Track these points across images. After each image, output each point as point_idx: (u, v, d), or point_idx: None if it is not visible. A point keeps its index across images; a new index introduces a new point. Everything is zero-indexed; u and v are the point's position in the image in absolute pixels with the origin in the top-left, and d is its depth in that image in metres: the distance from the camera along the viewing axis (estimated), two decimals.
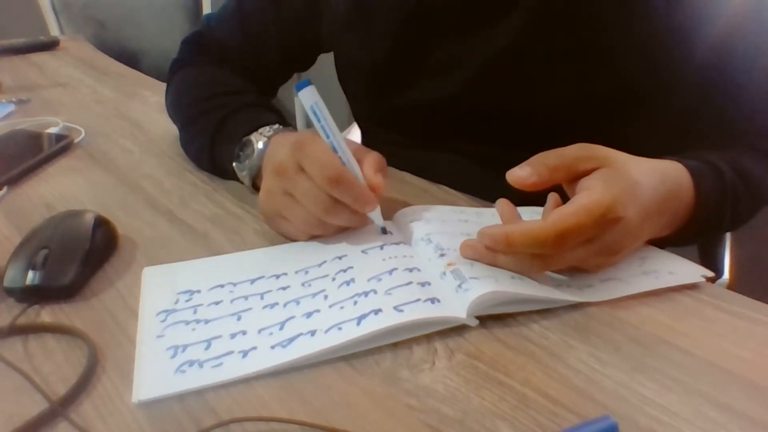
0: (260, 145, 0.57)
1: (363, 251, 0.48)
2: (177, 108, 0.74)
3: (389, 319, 0.39)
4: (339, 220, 0.48)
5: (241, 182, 0.61)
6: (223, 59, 0.75)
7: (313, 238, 0.51)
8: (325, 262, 0.48)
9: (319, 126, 0.47)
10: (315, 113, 0.47)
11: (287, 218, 0.50)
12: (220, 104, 0.65)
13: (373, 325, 0.39)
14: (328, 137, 0.47)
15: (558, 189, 0.46)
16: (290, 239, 0.52)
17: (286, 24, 0.73)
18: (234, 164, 0.60)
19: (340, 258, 0.48)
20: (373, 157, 0.49)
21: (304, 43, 0.75)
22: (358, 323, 0.39)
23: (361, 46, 0.68)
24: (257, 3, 0.73)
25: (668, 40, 0.56)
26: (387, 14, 0.65)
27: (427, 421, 0.34)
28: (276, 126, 0.59)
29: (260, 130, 0.58)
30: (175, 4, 1.90)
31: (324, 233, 0.50)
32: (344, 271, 0.46)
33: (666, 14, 0.55)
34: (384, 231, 0.50)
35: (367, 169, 0.48)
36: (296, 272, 0.47)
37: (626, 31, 0.56)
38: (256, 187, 0.58)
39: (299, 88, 0.47)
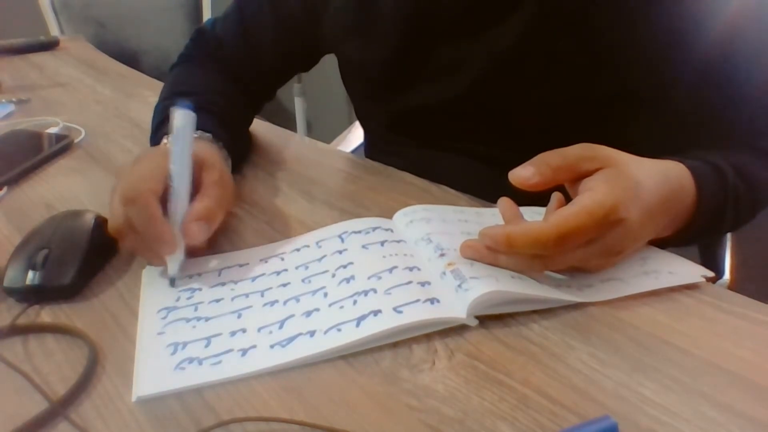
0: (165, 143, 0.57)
1: (363, 246, 0.48)
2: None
3: (389, 321, 0.39)
4: (127, 241, 0.46)
5: None
6: (220, 58, 0.75)
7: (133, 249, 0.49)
8: (325, 256, 0.48)
9: (171, 151, 0.47)
10: (175, 137, 0.47)
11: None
12: (170, 104, 0.65)
13: (372, 327, 0.39)
14: (172, 163, 0.46)
15: (560, 189, 0.46)
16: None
17: (284, 26, 0.73)
18: None
19: (340, 252, 0.48)
20: (202, 204, 0.47)
21: (302, 45, 0.75)
22: (358, 324, 0.39)
23: (364, 48, 0.68)
24: (256, 4, 0.74)
25: (669, 41, 0.56)
26: (390, 17, 0.65)
27: (427, 421, 0.34)
28: (205, 133, 0.58)
29: None
30: (175, 4, 1.90)
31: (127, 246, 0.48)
32: (344, 267, 0.46)
33: (667, 15, 0.55)
34: (172, 283, 0.46)
35: (190, 213, 0.46)
36: (296, 267, 0.47)
37: (627, 32, 0.56)
38: None
39: (180, 106, 0.48)
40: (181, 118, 0.47)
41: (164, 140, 0.58)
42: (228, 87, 0.72)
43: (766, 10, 0.56)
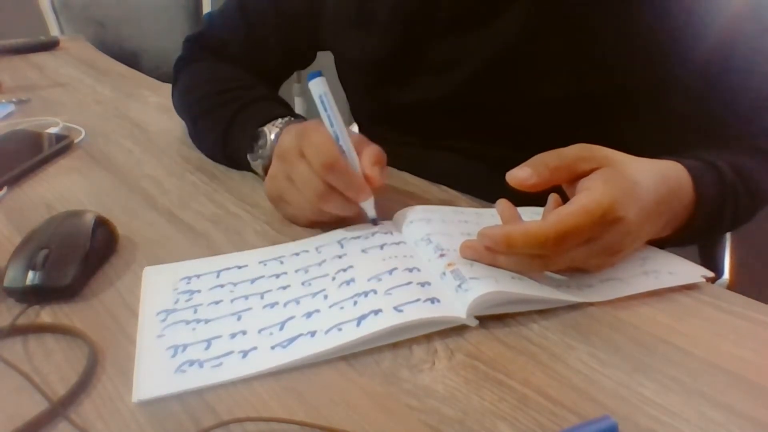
0: (272, 136, 0.59)
1: (363, 250, 0.48)
2: (188, 103, 0.74)
3: (389, 320, 0.39)
4: (332, 207, 0.49)
5: (255, 172, 0.63)
6: (226, 58, 0.75)
7: (313, 224, 0.53)
8: (324, 261, 0.48)
9: (325, 115, 0.50)
10: (322, 102, 0.50)
11: (288, 202, 0.52)
12: (233, 98, 0.67)
13: (372, 326, 0.39)
14: (332, 126, 0.50)
15: (557, 189, 0.46)
16: (293, 223, 0.55)
17: (287, 24, 0.73)
18: (248, 155, 0.62)
19: (340, 257, 0.48)
20: (371, 150, 0.51)
21: (304, 43, 0.75)
22: (358, 324, 0.39)
23: (361, 44, 0.68)
24: (259, 2, 0.74)
25: (666, 40, 0.56)
26: (387, 13, 0.65)
27: (427, 421, 0.34)
28: (287, 118, 0.60)
29: (273, 122, 0.60)
30: (175, 4, 1.90)
31: (321, 219, 0.52)
32: (344, 270, 0.46)
33: (663, 14, 0.55)
34: (375, 222, 0.52)
35: (365, 161, 0.50)
36: (296, 271, 0.47)
37: (623, 31, 0.56)
38: None
39: (311, 77, 0.50)
40: (319, 85, 0.50)
41: (273, 122, 0.60)
42: (258, 80, 0.73)
43: (763, 10, 0.56)
